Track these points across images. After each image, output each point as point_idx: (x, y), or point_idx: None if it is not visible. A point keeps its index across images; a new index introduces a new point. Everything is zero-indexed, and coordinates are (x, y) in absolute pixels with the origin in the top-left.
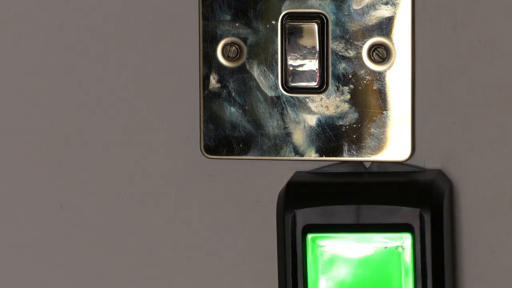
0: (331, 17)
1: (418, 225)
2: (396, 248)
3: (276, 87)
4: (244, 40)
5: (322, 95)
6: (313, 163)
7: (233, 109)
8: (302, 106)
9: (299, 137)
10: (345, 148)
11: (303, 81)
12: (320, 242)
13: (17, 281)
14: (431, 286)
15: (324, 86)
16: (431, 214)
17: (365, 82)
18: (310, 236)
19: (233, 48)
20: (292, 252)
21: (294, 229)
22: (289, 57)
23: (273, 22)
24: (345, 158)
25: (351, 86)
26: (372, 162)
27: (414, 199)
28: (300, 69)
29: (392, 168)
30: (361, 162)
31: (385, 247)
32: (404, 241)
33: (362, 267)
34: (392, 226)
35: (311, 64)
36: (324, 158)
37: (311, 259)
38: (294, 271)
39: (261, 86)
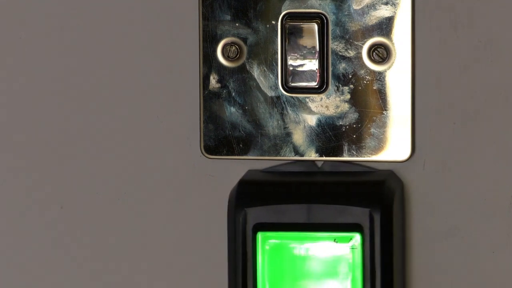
0: (331, 17)
1: (367, 225)
2: (346, 248)
3: (276, 87)
4: (244, 40)
5: (322, 95)
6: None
7: (233, 109)
8: (302, 106)
9: (299, 137)
10: (345, 148)
11: (303, 81)
12: (270, 241)
13: (17, 281)
14: (380, 286)
15: (324, 86)
16: (381, 214)
17: (365, 82)
18: (260, 234)
19: (233, 48)
20: (243, 250)
21: (244, 227)
22: (289, 57)
23: (273, 22)
24: (345, 158)
25: (351, 86)
26: (325, 161)
27: (364, 199)
28: (300, 69)
29: (344, 168)
30: (313, 162)
31: (335, 246)
32: (354, 241)
33: (312, 266)
34: (342, 226)
35: (311, 64)
36: (324, 158)
37: (261, 257)
38: (244, 269)
39: (261, 86)
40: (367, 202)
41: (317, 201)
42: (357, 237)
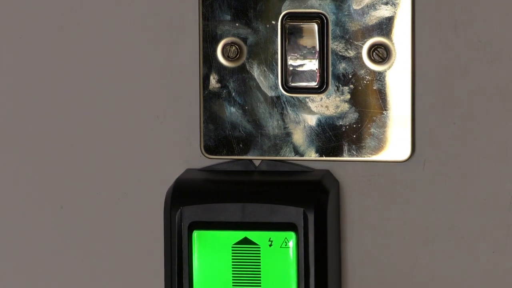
0: (331, 17)
1: (301, 224)
2: (280, 247)
3: (276, 87)
4: (244, 40)
5: (322, 95)
6: (313, 165)
7: (233, 109)
8: (302, 106)
9: (299, 137)
10: (345, 148)
11: (303, 81)
12: (206, 239)
13: (17, 281)
14: (314, 284)
15: (324, 86)
16: (315, 214)
17: (365, 82)
18: (196, 233)
19: (233, 48)
20: (178, 249)
21: (180, 226)
22: (289, 57)
23: (273, 22)
24: (345, 158)
25: (351, 86)
26: (262, 160)
27: (299, 198)
28: (300, 69)
29: (281, 167)
30: (250, 161)
31: (270, 245)
32: (288, 240)
33: (248, 265)
34: (277, 225)
35: (311, 64)
36: (324, 158)
37: (197, 255)
38: (180, 267)
39: (261, 86)
40: (301, 201)
41: (252, 200)
42: (291, 236)
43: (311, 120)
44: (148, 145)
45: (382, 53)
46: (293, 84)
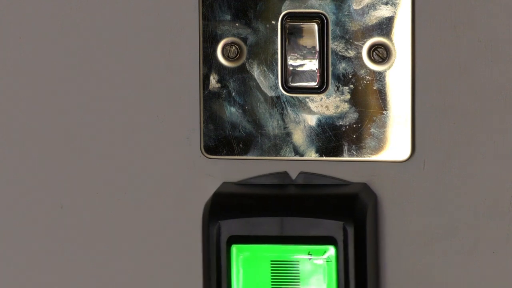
0: (331, 17)
1: (341, 238)
2: (319, 260)
3: (276, 87)
4: (244, 40)
5: (322, 95)
6: (319, 168)
7: (233, 109)
8: (302, 106)
9: (299, 137)
10: (345, 148)
11: (303, 81)
12: (244, 253)
13: (17, 281)
14: None
15: (324, 86)
16: (354, 227)
17: (365, 82)
18: (234, 247)
19: (233, 48)
20: (217, 263)
21: (218, 240)
22: (289, 57)
23: (273, 22)
24: (345, 158)
25: (351, 86)
26: (299, 173)
27: (338, 212)
28: (300, 69)
29: (317, 180)
30: (287, 174)
31: (309, 259)
32: (327, 254)
33: (286, 279)
34: (316, 239)
35: (311, 64)
36: (324, 158)
37: (235, 270)
38: (219, 282)
39: (261, 86)
40: (341, 215)
41: (291, 214)
42: (331, 250)
43: (311, 120)
44: (148, 145)
45: (382, 53)
46: (293, 84)
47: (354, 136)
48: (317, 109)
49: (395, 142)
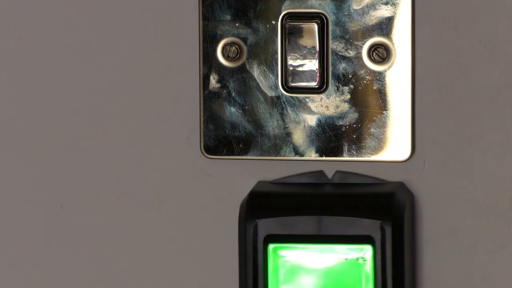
0: (331, 17)
1: (379, 237)
2: (357, 260)
3: (276, 87)
4: (244, 40)
5: (322, 95)
6: (319, 168)
7: (233, 109)
8: (302, 106)
9: (299, 137)
10: (345, 148)
11: (303, 81)
12: (281, 252)
13: (17, 281)
14: None
15: (324, 86)
16: (392, 226)
17: (365, 82)
18: (271, 246)
19: (233, 48)
20: (254, 262)
21: (255, 239)
22: (289, 57)
23: (273, 22)
24: (345, 158)
25: (351, 86)
26: (335, 172)
27: (375, 211)
28: (300, 69)
29: (354, 179)
30: (323, 172)
31: (346, 258)
32: (365, 253)
33: (323, 278)
34: (353, 238)
35: (311, 64)
36: (324, 158)
37: (272, 269)
38: (255, 281)
39: (261, 86)
40: (378, 214)
41: (328, 213)
42: (369, 249)
43: (311, 120)
44: (148, 145)
45: (382, 53)
46: (293, 84)
47: (354, 136)
48: (317, 109)
49: (395, 142)
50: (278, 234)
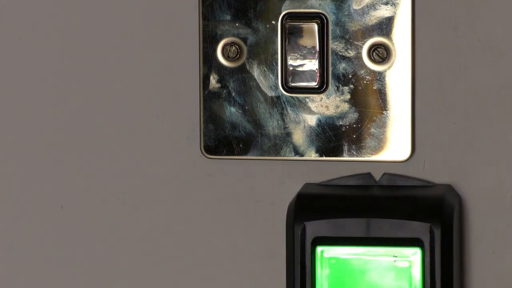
0: (331, 17)
1: (428, 240)
2: (405, 263)
3: (276, 87)
4: (244, 40)
5: (322, 95)
6: (319, 168)
7: (233, 109)
8: (302, 106)
9: (299, 137)
10: (345, 148)
11: (303, 81)
12: (329, 255)
13: (17, 281)
14: None
15: (324, 86)
16: (441, 229)
17: (365, 82)
18: (319, 248)
19: (233, 48)
20: (301, 264)
21: (303, 241)
22: (289, 57)
23: (273, 22)
24: (345, 158)
25: (351, 86)
26: (383, 174)
27: (425, 213)
28: (300, 69)
29: (401, 181)
30: (370, 175)
31: (395, 261)
32: (413, 256)
33: (372, 281)
34: (402, 240)
35: (311, 64)
36: (324, 158)
37: (320, 271)
38: (303, 283)
39: (261, 86)
40: (427, 216)
41: (377, 215)
42: (417, 252)
43: (311, 120)
44: (148, 145)
45: (382, 53)
46: (293, 84)
47: (354, 136)
48: (317, 109)
49: (395, 142)
50: (326, 237)
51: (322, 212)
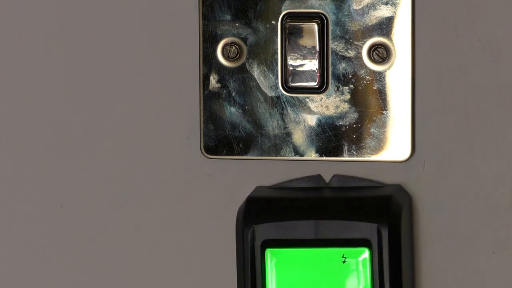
0: (331, 17)
1: (375, 240)
2: (354, 263)
3: (276, 87)
4: (244, 40)
5: (322, 95)
6: (313, 165)
7: (233, 109)
8: (302, 106)
9: (299, 137)
10: (345, 148)
11: (303, 81)
12: (279, 257)
13: (17, 281)
14: None
15: (324, 86)
16: (389, 230)
17: (365, 82)
18: (269, 251)
19: (233, 48)
20: (251, 267)
21: (253, 244)
22: (289, 57)
23: (273, 22)
24: (345, 158)
25: (351, 86)
26: (333, 176)
27: (372, 214)
28: (300, 69)
29: (351, 183)
30: (320, 177)
31: (343, 262)
32: (362, 256)
33: (321, 282)
34: (350, 241)
35: (311, 64)
36: (324, 158)
37: (270, 273)
38: (253, 285)
39: (261, 86)
40: (375, 217)
41: (325, 217)
42: (365, 253)
43: (311, 120)
44: (148, 145)
45: (382, 53)
46: (293, 84)
47: (354, 136)
48: (317, 109)
49: (395, 142)
50: (275, 239)
51: (271, 215)
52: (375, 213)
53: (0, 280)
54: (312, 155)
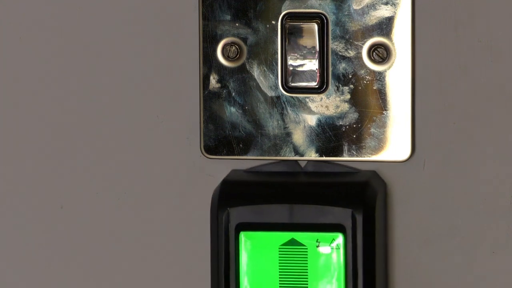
0: (331, 17)
1: (350, 226)
2: (328, 248)
3: (276, 87)
4: (244, 40)
5: (322, 95)
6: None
7: (233, 109)
8: (302, 106)
9: (299, 137)
10: (345, 148)
11: (303, 81)
12: (253, 241)
13: (17, 281)
14: (362, 285)
15: (324, 86)
16: (363, 215)
17: (365, 82)
18: (243, 234)
19: (233, 48)
20: (225, 250)
21: (227, 227)
22: (289, 57)
23: (273, 22)
24: (345, 158)
25: (351, 86)
26: (308, 161)
27: (347, 199)
28: (300, 69)
29: (327, 168)
30: (296, 162)
31: (317, 247)
32: (336, 241)
33: (295, 266)
34: (324, 226)
35: (311, 64)
36: (324, 158)
37: (243, 257)
38: (227, 268)
39: (261, 86)
40: (349, 202)
41: (300, 202)
42: (339, 238)
43: (311, 120)
44: (148, 145)
45: (382, 53)
46: (293, 84)
47: (354, 136)
48: (317, 109)
49: (395, 142)
50: (249, 222)
51: (246, 199)
52: (349, 199)
53: (0, 280)
54: (312, 155)
